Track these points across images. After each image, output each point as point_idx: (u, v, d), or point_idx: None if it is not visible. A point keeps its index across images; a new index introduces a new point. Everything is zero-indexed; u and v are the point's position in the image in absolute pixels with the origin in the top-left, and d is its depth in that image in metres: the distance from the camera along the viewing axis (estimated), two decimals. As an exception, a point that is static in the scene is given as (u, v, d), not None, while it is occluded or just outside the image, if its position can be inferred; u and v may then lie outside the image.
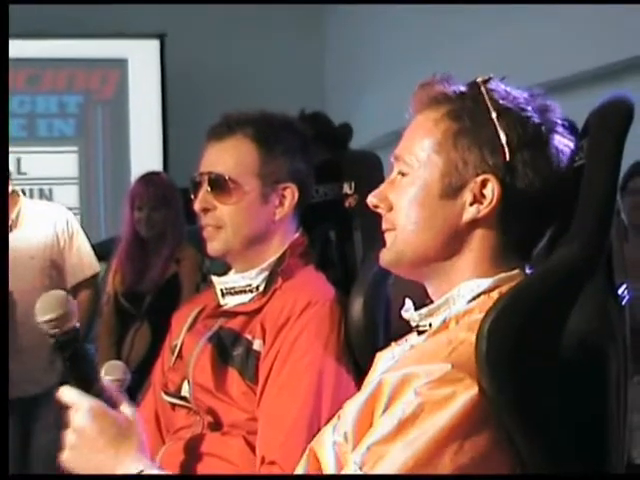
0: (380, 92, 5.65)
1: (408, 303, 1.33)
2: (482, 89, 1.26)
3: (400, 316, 1.35)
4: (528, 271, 1.27)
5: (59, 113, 6.36)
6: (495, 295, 1.23)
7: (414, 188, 1.28)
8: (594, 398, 1.20)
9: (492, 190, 1.23)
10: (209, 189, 1.78)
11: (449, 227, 1.26)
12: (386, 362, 1.35)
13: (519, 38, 4.57)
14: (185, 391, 1.81)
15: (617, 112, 1.25)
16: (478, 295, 1.24)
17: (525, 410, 1.13)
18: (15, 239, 3.62)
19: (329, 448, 1.28)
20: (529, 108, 1.26)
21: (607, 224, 1.22)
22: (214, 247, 1.80)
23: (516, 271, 1.26)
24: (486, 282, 1.25)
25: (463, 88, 1.29)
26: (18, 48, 4.92)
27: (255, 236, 1.79)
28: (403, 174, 1.30)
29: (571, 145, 1.28)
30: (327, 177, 1.91)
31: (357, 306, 1.69)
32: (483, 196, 1.24)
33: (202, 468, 1.71)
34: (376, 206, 1.34)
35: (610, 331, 1.23)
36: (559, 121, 1.28)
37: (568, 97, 3.99)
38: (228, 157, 1.78)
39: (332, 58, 6.94)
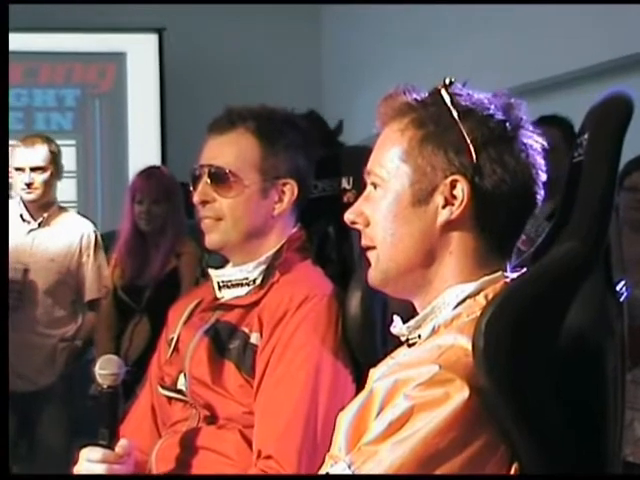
0: (378, 88, 5.65)
1: (396, 319, 1.33)
2: (444, 93, 1.27)
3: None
4: (509, 271, 1.27)
5: (57, 106, 6.35)
6: (480, 298, 1.23)
7: (387, 200, 1.29)
8: (591, 393, 1.20)
9: (462, 190, 1.24)
10: (209, 181, 1.77)
11: (426, 233, 1.26)
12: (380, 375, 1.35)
13: (518, 34, 4.56)
14: (181, 384, 1.81)
15: (616, 108, 1.25)
16: (463, 300, 1.24)
17: (522, 405, 1.13)
18: (41, 238, 3.68)
19: (327, 461, 1.28)
20: (492, 107, 1.26)
21: (606, 220, 1.22)
22: (212, 239, 1.80)
23: (499, 273, 1.26)
24: (470, 286, 1.25)
25: (425, 96, 1.29)
26: (15, 41, 4.90)
27: (253, 230, 1.79)
28: (376, 187, 1.31)
29: (540, 140, 1.28)
30: (326, 172, 1.90)
31: (354, 301, 1.69)
32: (454, 197, 1.24)
33: (198, 462, 1.71)
34: (353, 222, 1.35)
35: (608, 326, 1.23)
36: (525, 117, 1.28)
37: (569, 93, 4.02)
38: (229, 150, 1.78)
39: (330, 54, 6.93)
